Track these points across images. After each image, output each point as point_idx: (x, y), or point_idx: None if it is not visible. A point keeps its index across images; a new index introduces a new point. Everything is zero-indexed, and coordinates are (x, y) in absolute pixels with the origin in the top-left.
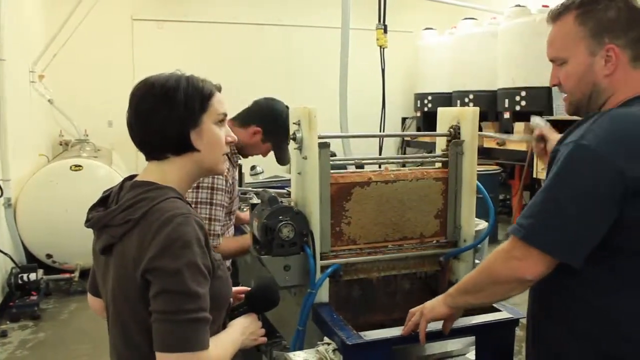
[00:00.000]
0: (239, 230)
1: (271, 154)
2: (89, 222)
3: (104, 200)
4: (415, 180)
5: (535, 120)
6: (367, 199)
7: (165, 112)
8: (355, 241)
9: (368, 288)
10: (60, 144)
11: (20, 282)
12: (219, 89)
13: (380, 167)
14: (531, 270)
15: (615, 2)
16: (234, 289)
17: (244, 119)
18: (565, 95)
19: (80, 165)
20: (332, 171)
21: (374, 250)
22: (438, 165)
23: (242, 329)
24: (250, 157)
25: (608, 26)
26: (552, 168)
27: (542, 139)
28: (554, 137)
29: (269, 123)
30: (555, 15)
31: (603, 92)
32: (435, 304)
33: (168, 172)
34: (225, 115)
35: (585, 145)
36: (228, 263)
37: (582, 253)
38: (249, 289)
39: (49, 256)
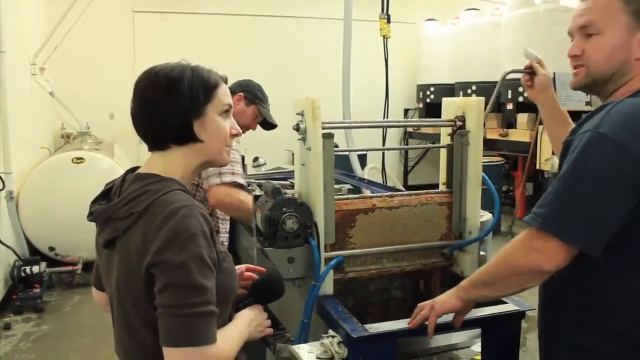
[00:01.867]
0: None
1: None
2: (91, 216)
3: (106, 193)
4: (420, 206)
5: (529, 50)
6: (371, 225)
7: (169, 102)
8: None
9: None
10: (62, 137)
11: (23, 274)
12: (225, 81)
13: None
14: (550, 261)
15: None
16: (244, 266)
17: None
18: (578, 68)
19: (82, 158)
20: (335, 199)
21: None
22: (442, 157)
23: (248, 321)
24: (251, 149)
25: None
26: (568, 157)
27: (532, 71)
28: (542, 72)
29: (246, 87)
30: None
31: (626, 74)
32: (446, 298)
33: (171, 163)
34: (231, 106)
35: (603, 133)
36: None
37: (601, 241)
38: (260, 268)
39: (51, 249)
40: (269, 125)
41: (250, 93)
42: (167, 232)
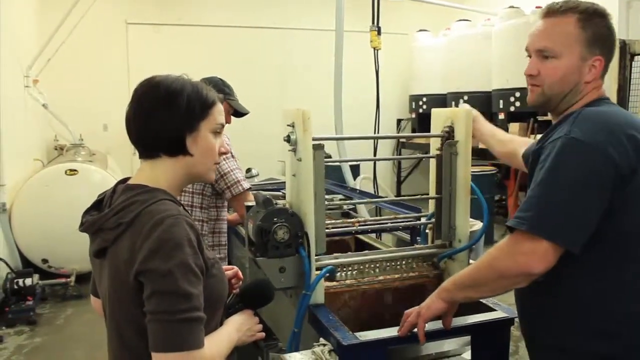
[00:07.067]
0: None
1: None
2: (82, 226)
3: (98, 204)
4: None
5: (462, 104)
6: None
7: (165, 114)
8: None
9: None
10: (55, 149)
11: (16, 287)
12: (222, 101)
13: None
14: (538, 264)
15: (607, 21)
16: (233, 270)
17: None
18: (534, 87)
19: (75, 170)
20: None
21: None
22: (432, 167)
23: (237, 326)
24: (244, 160)
25: (600, 39)
26: (541, 164)
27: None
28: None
29: (209, 84)
30: (556, 11)
31: (577, 94)
32: (431, 302)
33: (159, 173)
34: (223, 126)
35: (574, 138)
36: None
37: (582, 239)
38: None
39: (44, 261)
40: (240, 114)
41: (216, 88)
42: (153, 241)
